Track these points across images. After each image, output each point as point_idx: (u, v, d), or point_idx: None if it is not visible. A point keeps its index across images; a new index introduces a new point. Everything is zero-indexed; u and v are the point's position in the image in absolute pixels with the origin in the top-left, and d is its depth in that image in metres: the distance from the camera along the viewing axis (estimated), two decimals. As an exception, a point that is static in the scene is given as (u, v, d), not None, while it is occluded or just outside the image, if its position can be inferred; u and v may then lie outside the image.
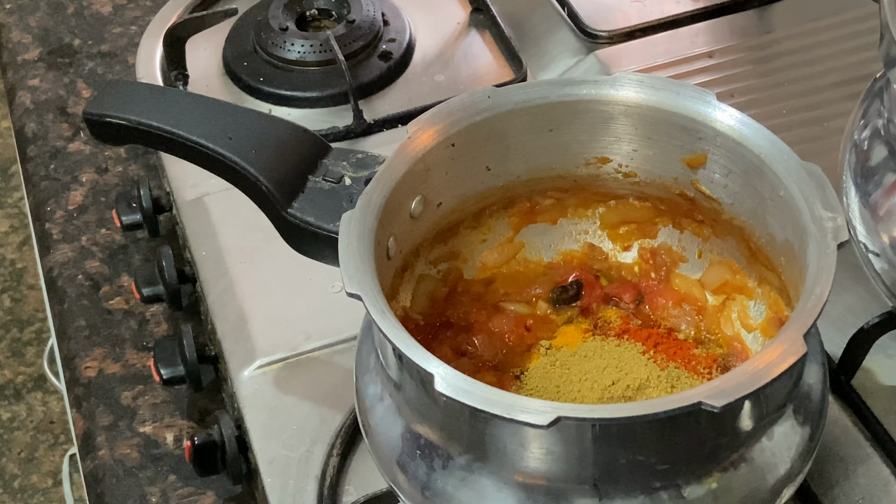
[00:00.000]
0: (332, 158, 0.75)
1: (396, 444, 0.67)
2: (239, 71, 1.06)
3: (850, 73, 1.00)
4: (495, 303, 0.78)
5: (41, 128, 1.09)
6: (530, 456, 0.62)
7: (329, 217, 0.72)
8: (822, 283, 0.62)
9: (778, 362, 0.59)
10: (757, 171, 0.69)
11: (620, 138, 0.74)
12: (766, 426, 0.64)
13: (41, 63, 1.15)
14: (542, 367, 0.73)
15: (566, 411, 0.58)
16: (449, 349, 0.75)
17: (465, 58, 1.08)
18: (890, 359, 0.81)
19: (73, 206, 1.02)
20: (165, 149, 0.78)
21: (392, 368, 0.66)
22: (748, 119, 0.70)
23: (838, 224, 0.64)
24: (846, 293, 0.84)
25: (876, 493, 0.75)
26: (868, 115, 0.80)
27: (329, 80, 1.04)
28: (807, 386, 0.67)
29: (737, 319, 0.75)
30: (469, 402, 0.58)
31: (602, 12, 1.09)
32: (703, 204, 0.74)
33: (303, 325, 0.87)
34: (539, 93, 0.73)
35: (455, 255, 0.78)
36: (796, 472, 0.66)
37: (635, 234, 0.79)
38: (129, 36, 1.17)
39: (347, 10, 1.08)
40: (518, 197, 0.77)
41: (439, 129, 0.71)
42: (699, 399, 0.57)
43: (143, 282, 0.92)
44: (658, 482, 0.62)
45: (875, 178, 0.78)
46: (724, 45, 1.05)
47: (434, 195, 0.73)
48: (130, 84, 0.89)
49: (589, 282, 0.79)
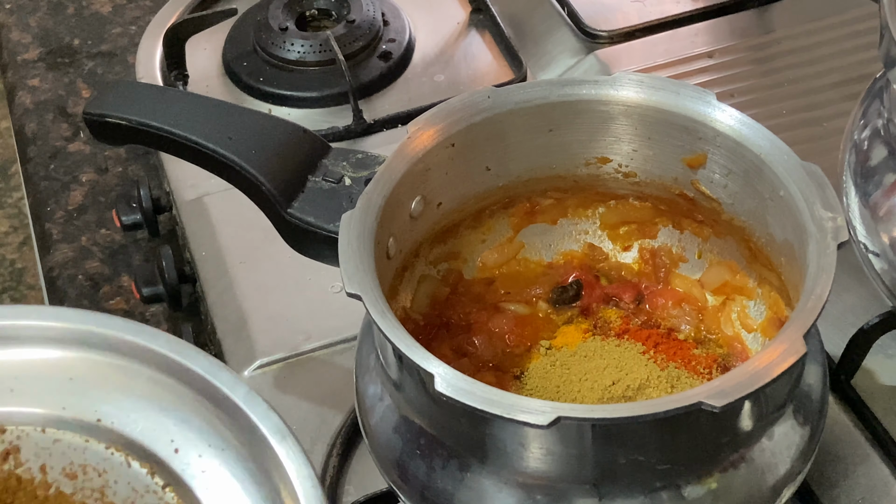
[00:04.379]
0: (332, 158, 0.75)
1: (396, 445, 0.67)
2: (239, 71, 1.06)
3: (850, 73, 1.00)
4: (495, 303, 0.78)
5: (41, 128, 1.09)
6: (530, 456, 0.62)
7: (329, 217, 0.72)
8: (822, 283, 0.62)
9: (778, 362, 0.59)
10: (757, 171, 0.69)
11: (620, 138, 0.74)
12: (766, 426, 0.64)
13: (41, 63, 1.15)
14: (542, 367, 0.73)
15: (566, 411, 0.58)
16: (449, 349, 0.75)
17: (465, 58, 1.08)
18: (890, 359, 0.81)
19: (73, 206, 1.02)
20: (165, 149, 0.78)
21: (392, 368, 0.66)
22: (748, 119, 0.70)
23: (838, 224, 0.64)
24: (846, 293, 0.84)
25: (876, 493, 0.75)
26: (868, 115, 0.80)
27: (329, 80, 1.04)
28: (807, 386, 0.67)
29: (737, 319, 0.75)
30: (469, 402, 0.58)
31: (602, 12, 1.09)
32: (703, 204, 0.74)
33: (303, 325, 0.87)
34: (539, 93, 0.73)
35: (455, 255, 0.78)
36: (796, 472, 0.66)
37: (635, 235, 0.79)
38: (129, 36, 1.17)
39: (347, 10, 1.08)
40: (518, 197, 0.77)
41: (439, 129, 0.71)
42: (699, 399, 0.57)
43: (143, 282, 0.92)
44: (658, 482, 0.62)
45: (875, 178, 0.78)
46: (724, 45, 1.05)
47: (434, 195, 0.73)
48: (130, 84, 0.90)
49: (589, 282, 0.79)
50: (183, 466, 0.59)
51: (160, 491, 0.59)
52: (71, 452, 0.60)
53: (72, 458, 0.60)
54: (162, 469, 0.59)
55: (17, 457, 0.60)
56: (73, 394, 0.61)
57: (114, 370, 0.61)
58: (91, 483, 0.59)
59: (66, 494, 0.59)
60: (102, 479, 0.59)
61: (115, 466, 0.60)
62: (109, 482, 0.59)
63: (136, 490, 0.59)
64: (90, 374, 0.61)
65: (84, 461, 0.60)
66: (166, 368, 0.60)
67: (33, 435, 0.61)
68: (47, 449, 0.60)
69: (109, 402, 0.61)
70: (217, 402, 0.59)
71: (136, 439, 0.60)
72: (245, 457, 0.58)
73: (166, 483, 0.59)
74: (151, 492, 0.59)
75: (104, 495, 0.59)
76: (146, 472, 0.59)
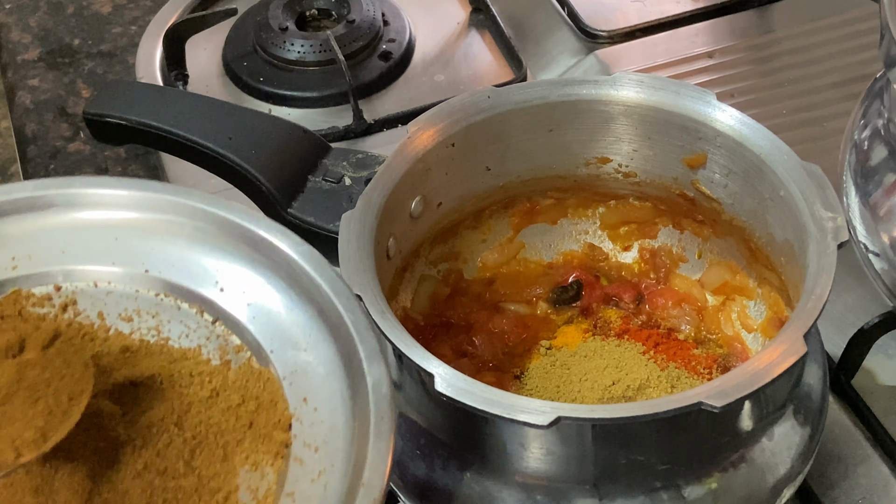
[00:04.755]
0: (332, 158, 0.75)
1: (396, 444, 0.67)
2: (239, 71, 1.06)
3: (850, 73, 1.00)
4: (495, 303, 0.78)
5: (41, 128, 1.09)
6: (530, 456, 0.62)
7: (329, 217, 0.72)
8: (822, 283, 0.62)
9: (778, 362, 0.59)
10: (757, 171, 0.69)
11: (620, 138, 0.74)
12: (766, 426, 0.64)
13: (41, 63, 1.15)
14: (542, 367, 0.73)
15: (566, 411, 0.58)
16: (449, 349, 0.75)
17: (465, 58, 1.08)
18: (890, 359, 0.81)
19: (73, 206, 1.02)
20: (165, 149, 0.78)
21: (392, 368, 0.66)
22: (748, 119, 0.70)
23: (838, 224, 0.64)
24: (846, 293, 0.84)
25: (876, 493, 0.75)
26: (868, 115, 0.80)
27: (329, 80, 1.04)
28: (807, 386, 0.67)
29: (737, 319, 0.75)
30: (469, 402, 0.58)
31: (602, 12, 1.09)
32: (703, 204, 0.74)
33: (303, 325, 0.87)
34: (539, 93, 0.73)
35: (455, 255, 0.78)
36: (796, 472, 0.66)
37: (635, 235, 0.79)
38: (129, 36, 1.17)
39: (347, 10, 1.08)
40: (518, 197, 0.78)
41: (439, 129, 0.71)
42: (699, 399, 0.57)
43: (143, 282, 0.92)
44: (658, 482, 0.62)
45: (875, 178, 0.78)
46: (724, 45, 1.05)
47: (434, 195, 0.73)
48: (130, 84, 0.90)
49: (589, 282, 0.79)
50: (229, 301, 0.63)
51: (210, 325, 0.63)
52: (124, 300, 0.64)
53: (126, 305, 0.64)
54: (210, 307, 0.63)
55: (74, 308, 0.64)
56: (121, 251, 0.65)
57: (157, 225, 0.65)
58: (146, 323, 0.63)
59: (125, 334, 0.63)
60: (156, 319, 0.64)
61: (166, 309, 0.64)
62: (163, 321, 0.63)
63: (189, 326, 0.63)
64: (135, 233, 0.65)
65: (137, 307, 0.64)
66: (205, 219, 0.65)
67: (87, 290, 0.65)
68: (101, 300, 0.64)
69: (155, 254, 0.65)
70: (255, 244, 0.63)
71: (183, 284, 0.64)
72: (285, 286, 0.62)
73: (215, 318, 0.63)
74: (203, 326, 0.63)
75: (160, 332, 0.63)
76: (195, 312, 0.64)
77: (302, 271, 0.61)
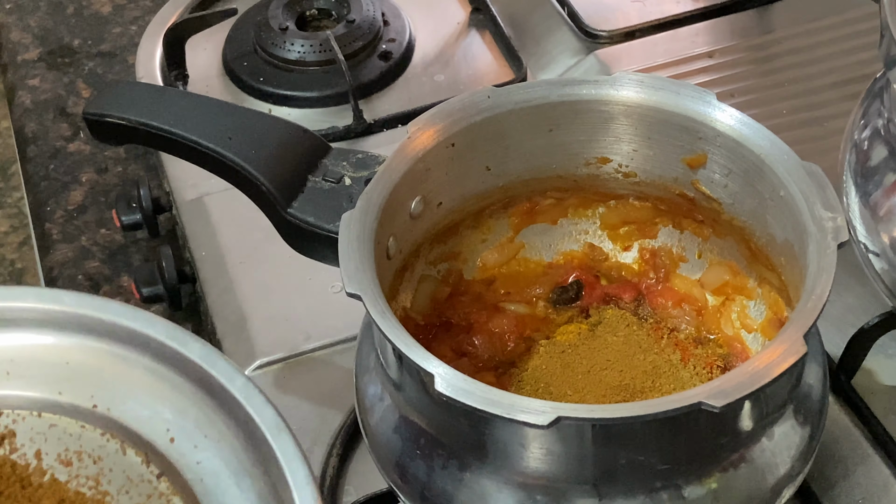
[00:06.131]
0: (332, 158, 0.75)
1: (396, 445, 0.67)
2: (239, 71, 1.06)
3: (850, 73, 1.00)
4: (495, 303, 0.78)
5: (41, 128, 1.09)
6: (530, 456, 0.62)
7: (329, 217, 0.72)
8: (822, 283, 0.62)
9: (778, 362, 0.59)
10: (757, 171, 0.69)
11: (620, 138, 0.74)
12: (766, 426, 0.64)
13: (41, 63, 1.15)
14: (542, 367, 0.73)
15: (566, 411, 0.58)
16: (449, 349, 0.75)
17: (465, 58, 1.08)
18: (890, 359, 0.81)
19: (73, 206, 1.02)
20: (165, 149, 0.78)
21: (392, 368, 0.66)
22: (748, 119, 0.70)
23: (838, 224, 0.64)
24: (846, 293, 0.84)
25: (876, 493, 0.75)
26: (868, 115, 0.80)
27: (329, 80, 1.04)
28: (807, 386, 0.67)
29: (737, 319, 0.75)
30: (469, 402, 0.58)
31: (602, 12, 1.09)
32: (703, 204, 0.74)
33: (303, 325, 0.87)
34: (539, 93, 0.73)
35: (455, 255, 0.78)
36: (796, 472, 0.66)
37: (635, 235, 0.79)
38: (129, 36, 1.17)
39: (347, 10, 1.08)
40: (518, 197, 0.77)
41: (439, 129, 0.71)
42: (699, 399, 0.57)
43: (143, 282, 0.92)
44: (658, 482, 0.62)
45: (875, 178, 0.78)
46: (724, 45, 1.05)
47: (434, 195, 0.73)
48: (130, 84, 0.90)
49: (589, 282, 0.79)
50: (178, 456, 0.58)
51: (154, 480, 0.58)
52: (66, 438, 0.60)
53: (67, 445, 0.59)
54: (157, 458, 0.59)
55: (12, 441, 0.60)
56: (70, 379, 0.61)
57: (111, 357, 0.61)
58: (86, 470, 0.59)
59: (61, 482, 0.58)
60: (97, 466, 0.59)
61: (110, 454, 0.59)
62: (104, 470, 0.59)
63: (131, 479, 0.58)
64: (87, 360, 0.61)
65: (79, 448, 0.59)
66: (163, 357, 0.60)
67: (29, 419, 0.60)
68: (43, 434, 0.60)
69: (106, 388, 0.60)
70: (213, 392, 0.59)
71: (131, 427, 0.59)
72: (240, 449, 0.58)
73: (161, 472, 0.58)
74: (146, 481, 0.58)
75: (99, 483, 0.58)
76: (141, 461, 0.59)
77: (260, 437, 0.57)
